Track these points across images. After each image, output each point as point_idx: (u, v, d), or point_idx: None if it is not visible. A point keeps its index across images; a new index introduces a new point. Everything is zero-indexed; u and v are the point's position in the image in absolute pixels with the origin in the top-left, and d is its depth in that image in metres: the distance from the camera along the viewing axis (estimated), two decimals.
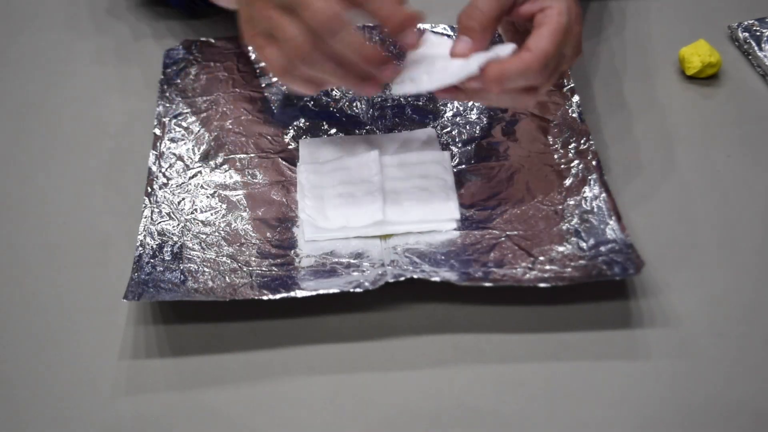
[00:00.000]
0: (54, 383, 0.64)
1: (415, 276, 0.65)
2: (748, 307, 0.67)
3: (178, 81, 0.83)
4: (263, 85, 0.83)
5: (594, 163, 0.73)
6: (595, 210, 0.70)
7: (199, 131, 0.79)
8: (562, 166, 0.73)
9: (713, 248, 0.70)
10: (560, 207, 0.71)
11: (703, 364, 0.63)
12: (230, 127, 0.79)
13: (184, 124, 0.80)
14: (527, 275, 0.66)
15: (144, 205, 0.72)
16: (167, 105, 0.81)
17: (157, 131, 0.78)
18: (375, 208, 0.71)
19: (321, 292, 0.65)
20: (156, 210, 0.72)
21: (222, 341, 0.66)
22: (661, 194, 0.74)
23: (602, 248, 0.67)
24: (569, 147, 0.75)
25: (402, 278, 0.65)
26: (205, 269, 0.68)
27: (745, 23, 0.86)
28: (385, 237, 0.71)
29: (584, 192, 0.71)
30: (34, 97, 0.85)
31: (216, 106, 0.81)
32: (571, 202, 0.71)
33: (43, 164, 0.79)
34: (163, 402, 0.63)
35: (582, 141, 0.75)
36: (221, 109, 0.81)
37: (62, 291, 0.69)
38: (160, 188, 0.74)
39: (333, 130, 0.79)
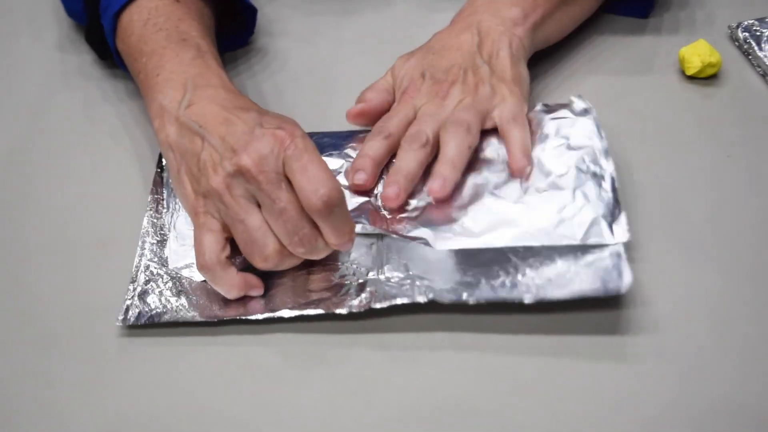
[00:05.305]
0: (52, 383, 0.64)
1: (398, 302, 0.64)
2: (747, 309, 0.67)
3: None
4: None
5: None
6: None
7: None
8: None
9: (712, 249, 0.70)
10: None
11: (700, 366, 0.63)
12: None
13: None
14: (523, 282, 0.65)
15: (148, 206, 0.72)
16: None
17: None
18: None
19: (305, 313, 0.65)
20: (156, 209, 0.72)
21: (221, 341, 0.66)
22: (660, 194, 0.74)
23: (600, 250, 0.66)
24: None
25: (387, 304, 0.65)
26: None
27: (745, 23, 0.86)
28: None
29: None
30: (34, 99, 0.85)
31: None
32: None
33: (42, 164, 0.79)
34: (161, 402, 0.63)
35: None
36: None
37: (61, 291, 0.69)
38: (160, 187, 0.74)
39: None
